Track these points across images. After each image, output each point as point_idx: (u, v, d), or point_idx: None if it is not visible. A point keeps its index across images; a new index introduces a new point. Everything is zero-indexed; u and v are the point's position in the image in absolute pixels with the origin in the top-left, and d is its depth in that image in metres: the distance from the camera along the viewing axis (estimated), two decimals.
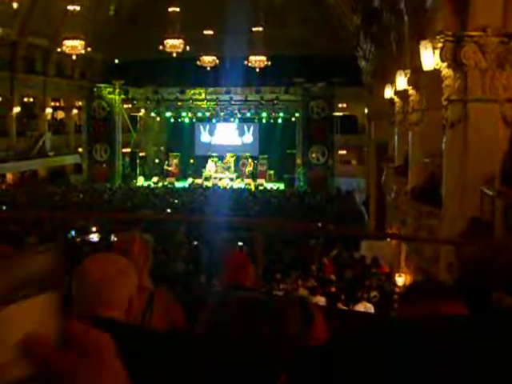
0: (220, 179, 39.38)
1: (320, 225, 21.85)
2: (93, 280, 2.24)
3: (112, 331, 2.20)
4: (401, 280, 15.14)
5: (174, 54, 31.92)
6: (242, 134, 43.57)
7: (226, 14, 34.87)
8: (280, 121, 41.26)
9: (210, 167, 40.39)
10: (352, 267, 16.12)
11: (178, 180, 40.40)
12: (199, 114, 41.94)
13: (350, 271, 15.61)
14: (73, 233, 19.10)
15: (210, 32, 34.58)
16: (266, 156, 41.01)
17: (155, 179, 40.03)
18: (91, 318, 2.21)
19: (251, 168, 40.59)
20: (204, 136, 44.02)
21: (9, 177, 35.13)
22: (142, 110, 41.71)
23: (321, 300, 12.07)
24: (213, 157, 40.95)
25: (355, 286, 13.72)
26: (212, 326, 1.52)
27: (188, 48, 31.97)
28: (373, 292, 13.56)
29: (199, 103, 40.53)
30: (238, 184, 39.04)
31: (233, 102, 40.21)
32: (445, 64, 9.66)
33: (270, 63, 33.85)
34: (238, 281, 3.95)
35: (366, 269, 16.18)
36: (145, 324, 3.30)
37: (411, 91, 14.16)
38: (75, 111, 41.90)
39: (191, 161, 42.20)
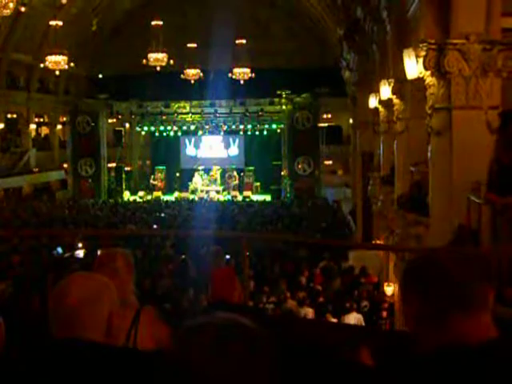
0: (206, 192, 39.30)
1: (307, 236, 21.84)
2: (70, 302, 2.18)
3: (90, 353, 2.14)
4: (389, 289, 15.11)
5: (158, 68, 31.91)
6: (227, 146, 43.54)
7: (210, 26, 34.95)
8: (265, 132, 41.27)
9: (196, 180, 40.28)
10: (340, 277, 16.06)
11: (164, 194, 40.27)
12: (184, 128, 41.86)
13: (338, 281, 15.56)
14: (59, 249, 18.93)
15: (194, 45, 34.59)
16: (251, 168, 40.99)
17: (141, 193, 39.87)
18: (69, 340, 2.14)
19: (237, 181, 40.54)
20: (189, 149, 43.95)
21: None
22: (127, 125, 41.61)
23: (309, 311, 12.02)
24: (199, 170, 40.86)
25: (344, 296, 13.67)
26: (184, 355, 1.44)
27: (172, 61, 31.97)
28: (363, 302, 13.52)
29: (184, 116, 40.51)
30: (225, 196, 38.99)
31: (218, 115, 40.26)
32: (428, 72, 9.67)
33: (254, 75, 33.89)
34: (224, 296, 3.89)
35: (355, 279, 16.13)
36: (130, 343, 3.22)
37: (395, 100, 14.18)
38: (59, 127, 41.72)
39: (177, 174, 42.08)
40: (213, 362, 1.42)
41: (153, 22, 32.07)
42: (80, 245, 18.86)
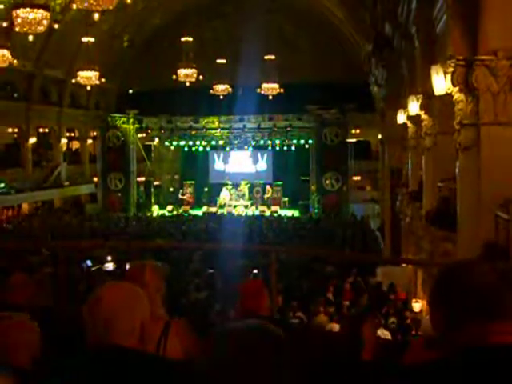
0: (235, 207, 39.35)
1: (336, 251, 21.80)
2: (104, 310, 2.26)
3: (124, 359, 2.22)
4: (417, 306, 15.02)
5: (188, 83, 32.19)
6: (255, 161, 43.65)
7: (239, 42, 35.24)
8: (293, 148, 41.21)
9: (225, 195, 40.35)
10: (369, 294, 16.01)
11: (192, 208, 40.42)
12: (213, 143, 42.00)
13: (366, 297, 15.52)
14: (88, 262, 19.15)
15: (223, 61, 34.86)
16: (280, 183, 40.99)
17: (170, 208, 40.04)
18: (103, 346, 2.22)
19: (270, 195, 40.49)
20: (218, 164, 44.13)
21: (24, 207, 35.36)
22: (156, 139, 41.90)
23: (334, 327, 12.01)
24: (227, 184, 40.93)
25: (372, 312, 13.61)
26: (214, 358, 1.50)
27: (201, 77, 32.23)
28: (391, 318, 13.45)
29: (213, 131, 40.66)
30: (253, 211, 39.01)
31: (246, 130, 40.28)
32: (456, 88, 9.67)
33: (282, 90, 34.03)
34: (252, 309, 3.93)
35: (383, 295, 16.06)
36: (159, 353, 3.28)
37: (424, 116, 14.16)
38: (90, 141, 42.27)
39: (206, 189, 42.26)
40: (239, 367, 1.48)
41: (183, 38, 32.43)
42: (109, 258, 19.06)
